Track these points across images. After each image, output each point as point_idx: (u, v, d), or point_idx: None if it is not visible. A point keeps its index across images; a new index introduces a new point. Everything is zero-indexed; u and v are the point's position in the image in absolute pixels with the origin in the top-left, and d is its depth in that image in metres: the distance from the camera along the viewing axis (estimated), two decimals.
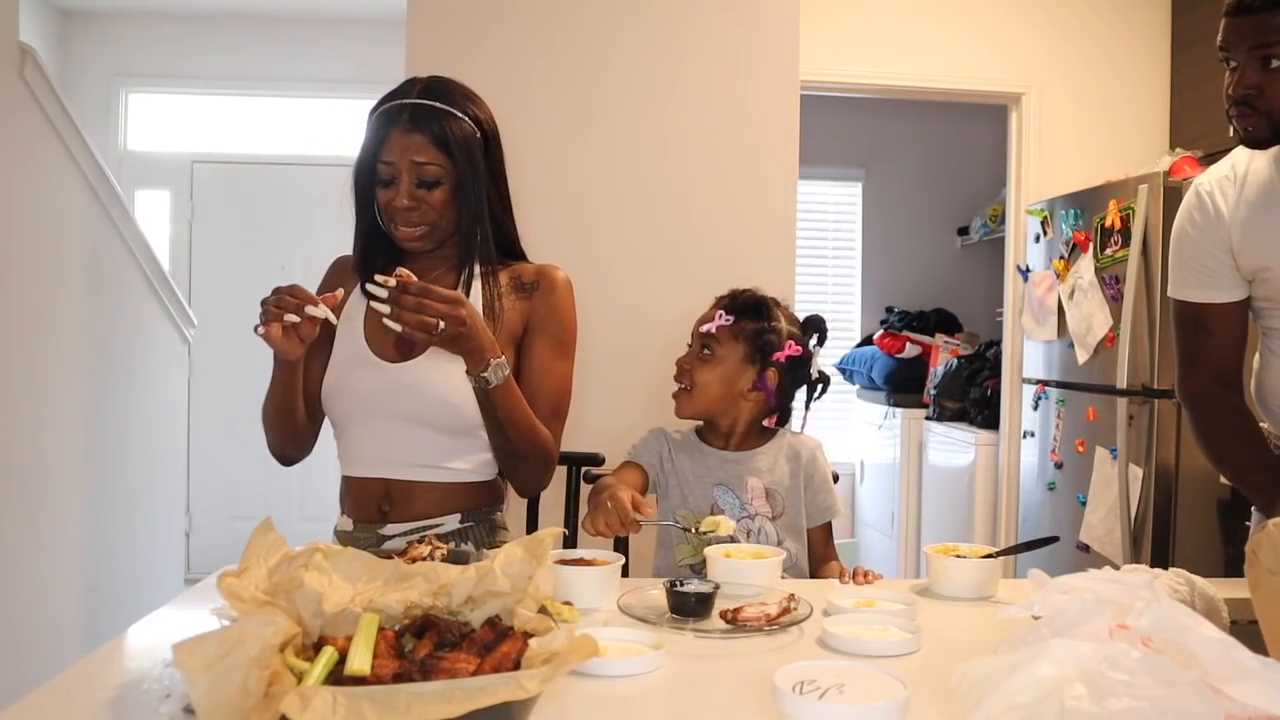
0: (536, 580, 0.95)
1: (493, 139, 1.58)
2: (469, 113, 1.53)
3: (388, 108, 1.50)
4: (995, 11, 3.83)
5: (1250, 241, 1.58)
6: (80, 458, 3.10)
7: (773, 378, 1.67)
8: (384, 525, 1.56)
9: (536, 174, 2.73)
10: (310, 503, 4.84)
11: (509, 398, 1.46)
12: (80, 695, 0.95)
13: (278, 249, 4.94)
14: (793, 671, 0.91)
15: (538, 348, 1.58)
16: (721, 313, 1.68)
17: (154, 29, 4.97)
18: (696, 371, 1.67)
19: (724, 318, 1.67)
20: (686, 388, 1.67)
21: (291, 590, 0.92)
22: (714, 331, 1.67)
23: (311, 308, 1.36)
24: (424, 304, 1.33)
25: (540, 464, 1.56)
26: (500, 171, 1.60)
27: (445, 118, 1.49)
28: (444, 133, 1.48)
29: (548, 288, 1.60)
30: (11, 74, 2.62)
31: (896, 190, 5.26)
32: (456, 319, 1.34)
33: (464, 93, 1.57)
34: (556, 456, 1.59)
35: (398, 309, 1.33)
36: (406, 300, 1.33)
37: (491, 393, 1.44)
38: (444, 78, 1.58)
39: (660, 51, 2.78)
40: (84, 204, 3.11)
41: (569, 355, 1.62)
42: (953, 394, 4.39)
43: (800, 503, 1.66)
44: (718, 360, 1.67)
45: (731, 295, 1.72)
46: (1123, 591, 0.86)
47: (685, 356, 1.70)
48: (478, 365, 1.41)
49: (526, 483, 1.60)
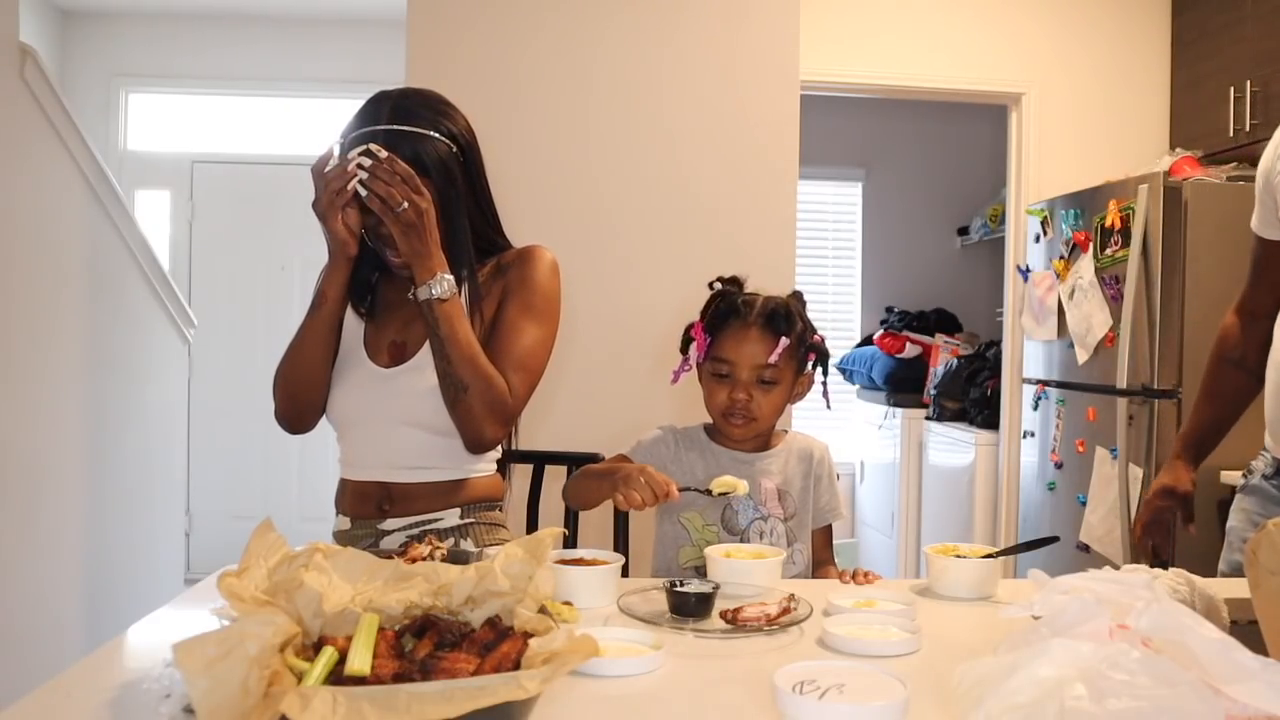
0: (536, 580, 0.95)
1: (469, 148, 1.55)
2: (442, 129, 1.50)
3: (361, 134, 1.47)
4: (995, 12, 3.83)
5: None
6: (80, 458, 3.10)
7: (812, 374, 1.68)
8: (383, 521, 1.57)
9: (536, 173, 2.74)
10: (310, 503, 4.84)
11: (452, 319, 1.46)
12: (80, 695, 0.95)
13: (278, 249, 4.94)
14: (793, 671, 0.91)
15: (508, 310, 1.56)
16: (783, 339, 1.59)
17: (154, 29, 4.97)
18: (764, 405, 1.60)
19: (783, 343, 1.59)
20: (751, 419, 1.61)
21: (291, 590, 0.92)
22: (778, 362, 1.59)
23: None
24: (396, 182, 1.39)
25: (483, 400, 1.47)
26: (479, 178, 1.58)
27: (419, 141, 1.47)
28: (420, 159, 1.46)
29: (523, 260, 1.60)
30: (11, 74, 2.62)
31: (896, 190, 5.26)
32: (417, 208, 1.41)
33: (435, 107, 1.53)
34: (509, 406, 1.51)
35: (374, 177, 1.38)
36: (383, 170, 1.38)
37: (436, 306, 1.44)
38: (412, 93, 1.54)
39: (660, 51, 2.78)
40: (84, 204, 3.11)
41: (541, 321, 1.57)
42: (953, 394, 4.39)
43: (810, 504, 1.66)
44: (782, 384, 1.62)
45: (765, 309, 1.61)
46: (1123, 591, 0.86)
47: (736, 391, 1.60)
48: (424, 274, 1.44)
49: (469, 422, 1.49)
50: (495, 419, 1.50)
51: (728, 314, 1.63)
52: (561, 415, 2.65)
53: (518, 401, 1.54)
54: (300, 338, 1.55)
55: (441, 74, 2.68)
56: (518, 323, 1.56)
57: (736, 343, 1.61)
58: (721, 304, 1.65)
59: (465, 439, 1.52)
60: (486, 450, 1.57)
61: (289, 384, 1.57)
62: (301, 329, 1.55)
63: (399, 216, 1.40)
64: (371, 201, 1.41)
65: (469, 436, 1.52)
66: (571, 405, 2.66)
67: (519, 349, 1.54)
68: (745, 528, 1.61)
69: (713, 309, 1.66)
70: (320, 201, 1.44)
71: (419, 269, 1.45)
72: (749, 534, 1.60)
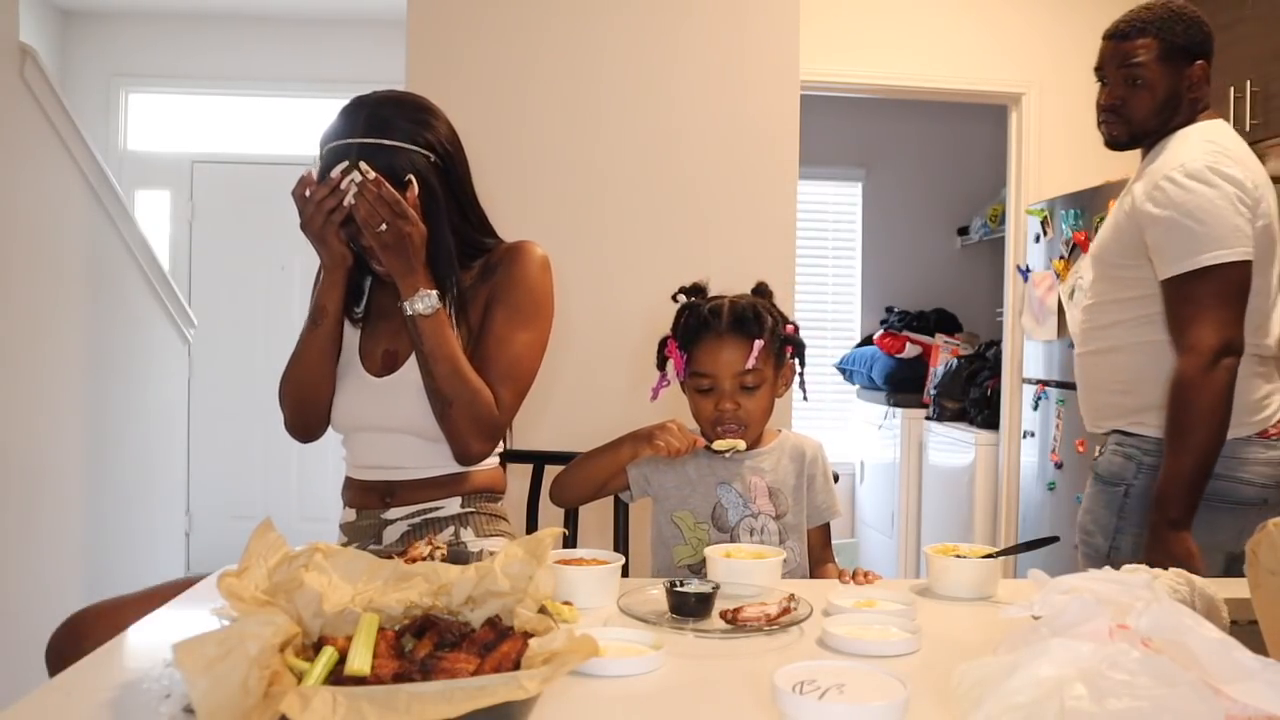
0: (536, 580, 0.95)
1: (449, 156, 1.53)
2: (420, 140, 1.49)
3: (335, 147, 1.47)
4: (995, 11, 3.83)
5: None
6: (80, 458, 3.10)
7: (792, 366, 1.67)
8: (386, 510, 1.59)
9: (535, 173, 2.74)
10: (310, 503, 4.84)
11: (436, 334, 1.46)
12: (80, 695, 0.95)
13: (278, 249, 4.94)
14: (793, 671, 0.91)
15: (495, 316, 1.56)
16: (757, 341, 1.58)
17: (154, 29, 4.97)
18: (752, 410, 1.60)
19: (759, 345, 1.58)
20: (743, 425, 1.60)
21: (291, 590, 0.92)
22: (756, 364, 1.58)
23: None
24: (380, 204, 1.40)
25: (468, 414, 1.48)
26: (462, 184, 1.57)
27: (394, 155, 1.46)
28: (394, 173, 1.45)
29: (510, 260, 1.59)
30: (11, 74, 2.62)
31: (896, 190, 5.26)
32: (398, 231, 1.41)
33: (414, 116, 1.51)
34: (495, 419, 1.52)
35: (359, 194, 1.40)
36: (368, 189, 1.39)
37: (420, 322, 1.45)
38: (388, 102, 1.52)
39: (660, 51, 2.78)
40: (84, 204, 3.11)
41: (530, 324, 1.57)
42: (953, 394, 4.39)
43: (803, 502, 1.66)
44: (763, 385, 1.61)
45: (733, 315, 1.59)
46: (1123, 591, 0.86)
47: (722, 401, 1.58)
48: (408, 290, 1.45)
49: (455, 436, 1.51)
50: (480, 433, 1.51)
51: (698, 327, 1.61)
52: (560, 415, 2.65)
53: (505, 413, 1.55)
54: (302, 352, 1.55)
55: (441, 74, 2.68)
56: (504, 331, 1.55)
57: (713, 354, 1.59)
58: (690, 318, 1.63)
59: (453, 451, 1.54)
60: (474, 463, 1.58)
61: (295, 397, 1.58)
62: (302, 343, 1.55)
63: (379, 236, 1.41)
64: (356, 215, 1.41)
65: (455, 450, 1.54)
66: (571, 405, 2.65)
67: (506, 359, 1.54)
68: (735, 525, 1.61)
69: (683, 323, 1.64)
70: (313, 223, 1.45)
71: (402, 285, 1.46)
72: (738, 531, 1.60)
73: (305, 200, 1.44)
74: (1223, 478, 1.79)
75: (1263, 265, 1.80)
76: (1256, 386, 1.84)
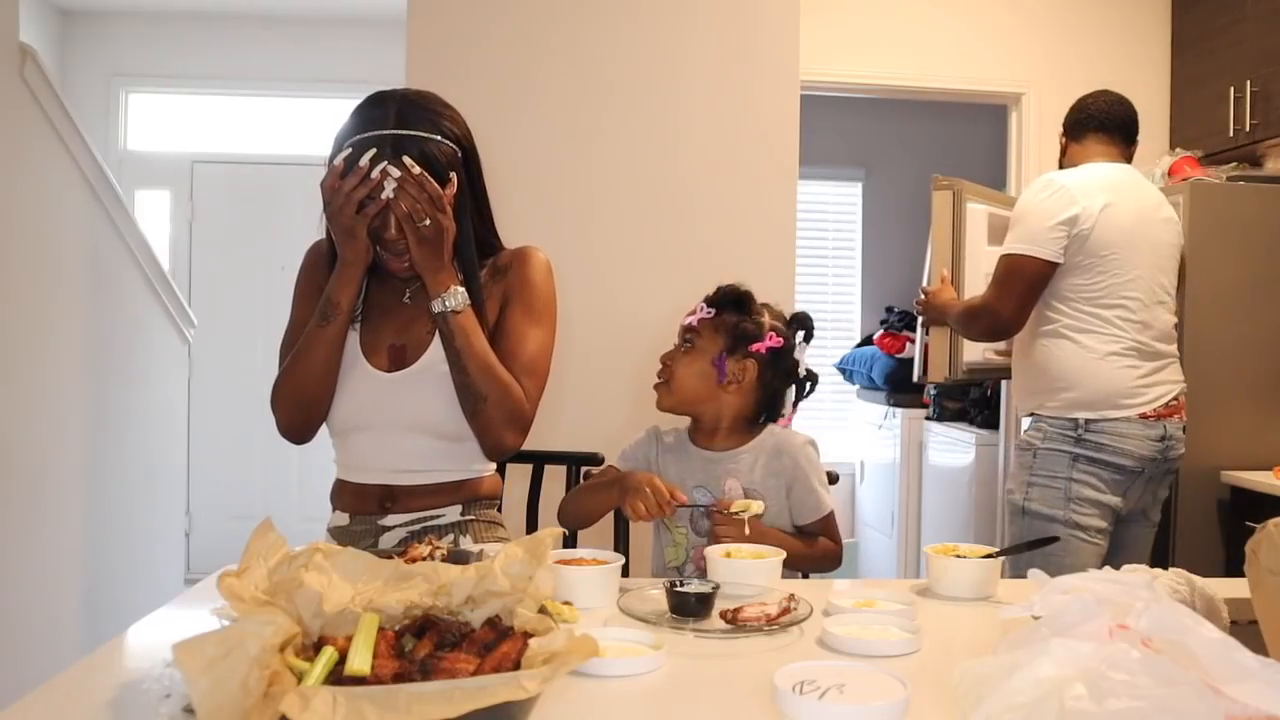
0: (536, 580, 0.95)
1: (470, 152, 1.54)
2: (447, 132, 1.49)
3: (364, 138, 1.44)
4: (994, 11, 3.83)
5: None
6: (80, 458, 3.10)
7: (751, 369, 1.66)
8: (384, 517, 1.57)
9: (535, 173, 2.73)
10: (310, 503, 4.83)
11: (468, 331, 1.47)
12: (80, 695, 0.95)
13: (278, 249, 4.93)
14: (793, 671, 0.91)
15: (511, 315, 1.57)
16: (703, 305, 1.69)
17: (154, 29, 4.97)
18: (677, 364, 1.68)
19: (705, 310, 1.68)
20: (666, 381, 1.69)
21: (291, 590, 0.92)
22: (695, 324, 1.68)
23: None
24: (424, 199, 1.41)
25: (501, 409, 1.49)
26: (479, 181, 1.58)
27: (426, 144, 1.45)
28: (431, 163, 1.45)
29: (520, 263, 1.60)
30: (11, 74, 2.62)
31: (896, 190, 5.26)
32: (439, 225, 1.43)
33: (438, 109, 1.51)
34: (527, 412, 1.53)
35: (401, 189, 1.40)
36: (411, 184, 1.40)
37: (451, 319, 1.46)
38: (414, 95, 1.52)
39: (660, 51, 2.78)
40: (84, 204, 3.11)
41: (543, 324, 1.59)
42: (953, 394, 4.38)
43: (783, 502, 1.65)
44: (698, 352, 1.67)
45: (723, 289, 1.73)
46: (1123, 591, 0.86)
47: (669, 351, 1.71)
48: (438, 287, 1.46)
49: (489, 431, 1.51)
50: (514, 426, 1.52)
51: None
52: (560, 415, 2.65)
53: (533, 406, 1.55)
54: (309, 349, 1.51)
55: (441, 74, 2.68)
56: (524, 329, 1.57)
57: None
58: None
59: (485, 447, 1.54)
60: (505, 457, 1.58)
61: (297, 397, 1.54)
62: (309, 340, 1.51)
63: (419, 230, 1.41)
64: (396, 209, 1.41)
65: (489, 445, 1.53)
66: (571, 405, 2.65)
67: (527, 354, 1.55)
68: (708, 529, 1.61)
69: None
70: (342, 214, 1.42)
71: (431, 282, 1.46)
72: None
73: (334, 191, 1.41)
74: (1109, 449, 2.27)
75: (1130, 271, 2.32)
76: (1135, 376, 2.29)
